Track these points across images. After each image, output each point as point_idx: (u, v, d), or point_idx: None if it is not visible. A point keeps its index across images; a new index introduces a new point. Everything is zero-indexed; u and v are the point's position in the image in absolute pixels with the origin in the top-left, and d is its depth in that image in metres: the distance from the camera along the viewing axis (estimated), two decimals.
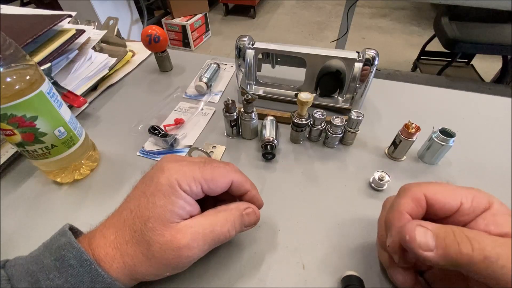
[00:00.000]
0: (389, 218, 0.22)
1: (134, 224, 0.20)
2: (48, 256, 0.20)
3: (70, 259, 0.19)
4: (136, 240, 0.20)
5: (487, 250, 0.16)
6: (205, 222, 0.21)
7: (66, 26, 0.45)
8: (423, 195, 0.21)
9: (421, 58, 1.75)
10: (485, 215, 0.20)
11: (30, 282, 0.19)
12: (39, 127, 0.27)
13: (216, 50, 2.30)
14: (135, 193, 0.22)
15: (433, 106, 0.43)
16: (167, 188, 0.21)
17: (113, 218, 0.22)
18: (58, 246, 0.20)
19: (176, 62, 0.54)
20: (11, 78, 0.24)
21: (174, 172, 0.21)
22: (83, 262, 0.19)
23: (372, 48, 0.36)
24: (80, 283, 0.19)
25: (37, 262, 0.20)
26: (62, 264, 0.19)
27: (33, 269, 0.19)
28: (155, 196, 0.20)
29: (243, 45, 0.38)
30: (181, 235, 0.20)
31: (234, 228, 0.22)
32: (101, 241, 0.21)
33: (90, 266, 0.19)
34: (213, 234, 0.21)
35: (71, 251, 0.19)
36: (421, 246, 0.18)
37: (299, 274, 0.25)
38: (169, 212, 0.20)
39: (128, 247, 0.20)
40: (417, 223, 0.19)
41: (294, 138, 0.38)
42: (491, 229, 0.19)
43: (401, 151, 0.34)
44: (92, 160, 0.35)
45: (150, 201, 0.20)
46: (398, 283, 0.23)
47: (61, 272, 0.19)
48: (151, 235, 0.20)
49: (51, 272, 0.19)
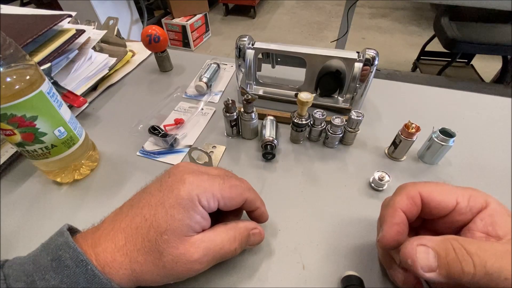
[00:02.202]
0: (383, 214, 0.23)
1: (148, 234, 0.20)
2: (45, 256, 0.20)
3: (66, 260, 0.19)
4: (148, 250, 0.20)
5: (488, 266, 0.16)
6: (217, 238, 0.22)
7: (66, 26, 0.45)
8: (418, 194, 0.21)
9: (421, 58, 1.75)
10: (482, 216, 0.20)
11: (26, 282, 0.19)
12: (39, 127, 0.27)
13: (216, 50, 2.30)
14: (151, 201, 0.21)
15: (433, 106, 0.43)
16: (188, 203, 0.21)
17: (122, 223, 0.21)
18: (55, 246, 0.20)
19: (176, 62, 0.54)
20: (11, 78, 0.24)
21: (195, 186, 0.21)
22: (79, 263, 0.19)
23: (372, 48, 0.36)
24: (75, 284, 0.19)
25: (34, 262, 0.20)
26: (58, 265, 0.19)
27: (30, 269, 0.19)
28: (174, 209, 0.20)
29: (243, 45, 0.38)
30: (194, 249, 0.21)
31: (240, 247, 0.23)
32: (108, 245, 0.20)
33: (86, 267, 0.19)
34: (222, 251, 0.22)
35: (68, 251, 0.19)
36: (423, 268, 0.18)
37: (299, 274, 0.25)
38: (186, 226, 0.20)
39: (139, 255, 0.20)
40: (418, 242, 0.18)
41: (294, 138, 0.38)
42: (489, 230, 0.19)
43: (401, 151, 0.34)
44: (92, 160, 0.35)
45: (169, 213, 0.20)
46: (398, 283, 0.23)
47: (57, 272, 0.19)
48: (165, 247, 0.20)
49: (47, 272, 0.19)
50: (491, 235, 0.19)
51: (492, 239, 0.19)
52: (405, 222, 0.21)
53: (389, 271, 0.24)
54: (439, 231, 0.23)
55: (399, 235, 0.21)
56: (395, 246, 0.21)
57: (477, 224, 0.20)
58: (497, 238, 0.18)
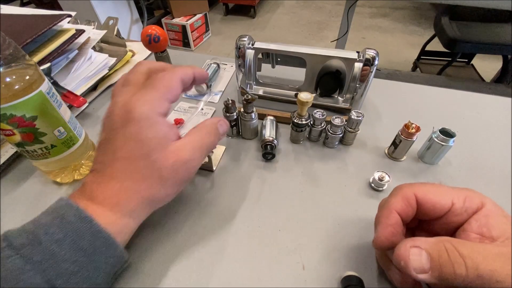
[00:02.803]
0: (378, 216, 0.23)
1: (137, 165, 0.21)
2: (44, 217, 0.20)
3: (69, 217, 0.20)
4: (147, 175, 0.22)
5: (480, 268, 0.16)
6: (195, 138, 0.24)
7: (66, 26, 0.45)
8: (414, 195, 0.21)
9: (421, 58, 1.75)
10: (478, 216, 0.20)
11: (27, 238, 0.19)
12: (39, 127, 0.27)
13: (216, 50, 2.30)
14: (117, 144, 0.22)
15: (433, 106, 0.43)
16: (147, 121, 0.22)
17: (105, 173, 0.22)
18: (55, 208, 0.21)
19: (176, 62, 0.54)
20: (10, 78, 0.24)
21: (141, 105, 0.22)
22: (83, 219, 0.20)
23: (372, 48, 0.36)
24: (80, 238, 0.19)
25: (34, 222, 0.20)
26: (61, 221, 0.19)
27: (30, 227, 0.19)
28: (141, 134, 0.21)
29: (243, 45, 0.38)
30: (183, 152, 0.23)
31: (216, 138, 0.26)
32: (106, 194, 0.21)
33: (90, 223, 0.20)
34: (205, 145, 0.25)
35: (70, 210, 0.20)
36: (416, 270, 0.18)
37: (299, 274, 0.25)
38: (162, 139, 0.22)
39: (141, 184, 0.22)
40: (411, 244, 0.18)
41: (294, 138, 0.38)
42: (483, 231, 0.19)
43: (401, 151, 0.34)
44: (92, 160, 0.35)
45: (140, 139, 0.21)
46: (396, 284, 0.23)
47: (61, 227, 0.19)
48: (159, 164, 0.22)
49: (50, 227, 0.19)
50: (486, 236, 0.19)
51: (487, 240, 0.19)
52: (399, 223, 0.21)
53: (387, 272, 0.24)
54: (435, 232, 0.23)
55: (393, 236, 0.21)
56: (390, 247, 0.21)
57: (472, 225, 0.20)
58: (491, 239, 0.18)
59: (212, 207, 0.31)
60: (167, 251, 0.27)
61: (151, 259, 0.26)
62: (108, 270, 0.21)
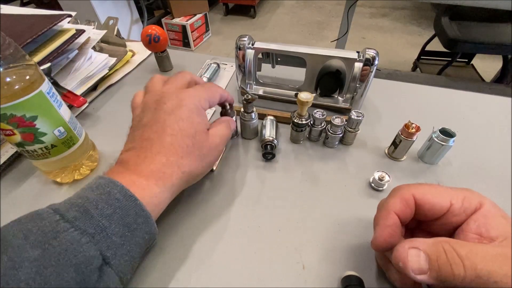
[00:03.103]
0: (376, 217, 0.23)
1: (184, 142, 0.25)
2: (91, 192, 0.21)
3: (116, 194, 0.21)
4: (190, 151, 0.25)
5: (478, 269, 0.16)
6: (221, 128, 0.30)
7: (66, 26, 0.45)
8: (412, 196, 0.21)
9: (421, 58, 1.75)
10: (476, 217, 0.20)
11: (79, 211, 0.20)
12: (39, 127, 0.27)
13: (216, 50, 2.30)
14: (167, 123, 0.25)
15: (433, 106, 0.43)
16: (198, 110, 0.27)
17: (151, 149, 0.24)
18: (99, 184, 0.22)
19: (176, 62, 0.54)
20: (11, 78, 0.24)
21: (194, 98, 0.27)
22: (129, 198, 0.21)
23: (372, 48, 0.36)
24: (126, 215, 0.21)
25: (81, 197, 0.21)
26: (108, 197, 0.21)
27: (79, 201, 0.20)
28: (192, 118, 0.26)
29: (243, 45, 0.38)
30: (215, 138, 0.28)
31: (230, 131, 0.31)
32: (154, 167, 0.24)
33: (135, 201, 0.21)
34: (225, 136, 0.30)
35: (115, 187, 0.21)
36: (414, 271, 0.18)
37: (299, 274, 0.25)
38: (204, 125, 0.27)
39: (184, 159, 0.25)
40: (409, 245, 0.18)
41: (294, 138, 0.38)
42: (482, 231, 0.19)
43: (401, 151, 0.34)
44: (92, 160, 0.35)
45: (191, 121, 0.26)
46: (396, 284, 0.23)
47: (109, 203, 0.20)
48: (201, 144, 0.26)
49: (99, 203, 0.20)
50: (484, 236, 0.19)
51: (485, 241, 0.19)
52: (397, 224, 0.21)
53: (386, 272, 0.24)
54: (434, 232, 0.23)
55: (391, 237, 0.21)
56: (388, 248, 0.21)
57: (470, 225, 0.20)
58: (489, 240, 0.18)
59: (212, 207, 0.31)
60: (166, 251, 0.27)
61: (150, 258, 0.26)
62: (143, 246, 0.23)
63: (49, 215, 0.19)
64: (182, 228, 0.29)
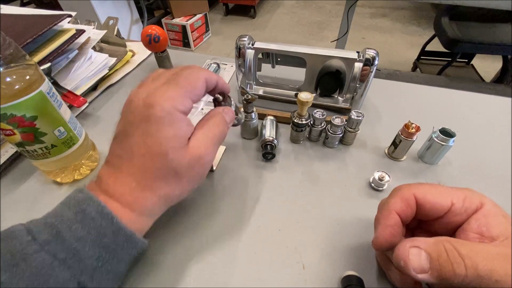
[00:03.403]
0: (377, 217, 0.23)
1: (154, 163, 0.21)
2: (66, 210, 0.20)
3: (91, 213, 0.19)
4: (164, 174, 0.22)
5: (480, 268, 0.16)
6: (205, 131, 0.24)
7: (66, 26, 0.45)
8: (413, 195, 0.21)
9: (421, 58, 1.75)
10: (477, 216, 0.20)
11: (51, 234, 0.19)
12: (39, 127, 0.27)
13: (216, 50, 2.30)
14: (135, 139, 0.21)
15: (433, 106, 0.43)
16: (168, 118, 0.21)
17: (122, 169, 0.22)
18: (76, 201, 0.20)
19: (176, 62, 0.54)
20: (11, 78, 0.24)
21: (163, 101, 0.21)
22: (105, 216, 0.20)
23: (372, 48, 0.36)
24: (102, 235, 0.19)
25: (56, 215, 0.20)
26: (83, 217, 0.19)
27: (53, 221, 0.19)
28: (161, 131, 0.21)
29: (243, 45, 0.38)
30: (196, 149, 0.23)
31: (224, 125, 0.26)
32: (124, 190, 0.21)
33: (111, 220, 0.20)
34: (216, 137, 0.24)
35: (92, 205, 0.20)
36: (416, 270, 0.18)
37: (299, 274, 0.25)
38: (181, 138, 0.22)
39: (158, 182, 0.22)
40: (410, 244, 0.18)
41: (294, 138, 0.38)
42: (483, 231, 0.19)
43: (401, 151, 0.34)
44: (92, 160, 0.35)
45: (159, 136, 0.21)
46: (396, 284, 0.23)
47: (84, 224, 0.19)
48: (176, 163, 0.21)
49: (72, 224, 0.19)
50: (485, 236, 0.19)
51: (486, 240, 0.19)
52: (398, 224, 0.21)
53: (387, 272, 0.24)
54: (435, 232, 0.23)
55: (393, 237, 0.21)
56: (389, 247, 0.21)
57: (471, 225, 0.20)
58: (491, 239, 0.18)
59: (212, 207, 0.31)
60: (164, 250, 0.27)
61: (149, 259, 0.26)
62: (130, 260, 0.22)
63: (21, 235, 0.18)
64: (181, 228, 0.29)
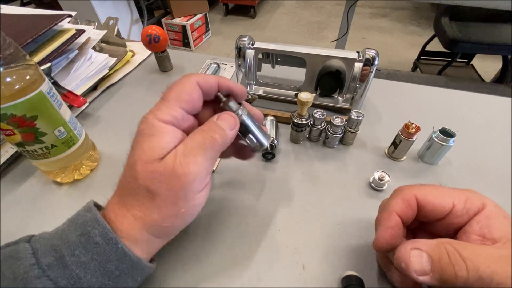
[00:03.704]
0: (378, 218, 0.23)
1: (125, 177, 0.20)
2: (72, 231, 0.19)
3: (96, 236, 0.19)
4: (134, 189, 0.19)
5: (481, 271, 0.16)
6: (188, 141, 0.20)
7: (66, 26, 0.45)
8: (414, 197, 0.21)
9: (421, 58, 1.75)
10: (479, 218, 0.20)
11: (55, 257, 0.18)
12: (39, 127, 0.27)
13: (216, 50, 2.30)
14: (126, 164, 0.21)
15: (433, 106, 0.43)
16: (149, 129, 0.20)
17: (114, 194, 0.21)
18: (83, 221, 0.20)
19: (176, 62, 0.54)
20: (11, 78, 0.24)
21: (148, 113, 0.20)
22: (109, 241, 0.19)
23: (372, 48, 0.36)
24: (106, 261, 0.18)
25: (62, 236, 0.19)
26: (87, 241, 0.19)
27: (58, 243, 0.19)
28: (139, 143, 0.20)
29: (243, 45, 0.38)
30: (170, 161, 0.19)
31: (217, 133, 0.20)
32: (112, 206, 0.21)
33: (116, 245, 0.19)
34: (200, 147, 0.19)
35: (97, 227, 0.19)
36: (417, 272, 0.18)
37: (299, 274, 0.25)
38: (155, 149, 0.19)
39: (129, 199, 0.20)
40: (412, 246, 0.18)
41: (294, 138, 0.38)
42: (485, 233, 0.19)
43: (401, 151, 0.34)
44: (92, 160, 0.35)
45: (136, 148, 0.20)
46: (397, 285, 0.23)
47: (87, 249, 0.18)
48: (143, 176, 0.19)
49: (76, 248, 0.18)
50: (487, 237, 0.19)
51: (488, 242, 0.19)
52: (399, 225, 0.21)
53: (387, 272, 0.24)
54: (436, 233, 0.23)
55: (393, 238, 0.21)
56: (390, 249, 0.21)
57: (473, 226, 0.19)
58: (492, 241, 0.18)
59: (212, 207, 0.31)
60: (164, 253, 0.27)
61: None
62: (135, 285, 0.21)
63: (25, 256, 0.18)
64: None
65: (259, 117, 0.25)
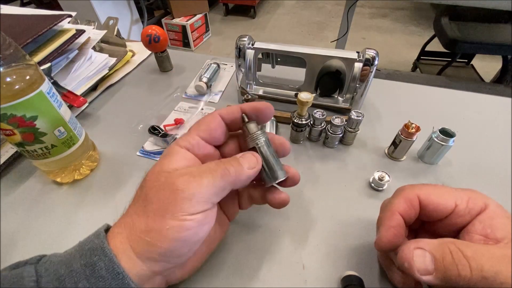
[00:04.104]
0: (381, 218, 0.23)
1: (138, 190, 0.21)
2: (78, 259, 0.18)
3: (101, 270, 0.18)
4: (138, 196, 0.20)
5: (485, 270, 0.16)
6: (204, 165, 0.20)
7: (66, 26, 0.45)
8: (416, 196, 0.21)
9: (421, 58, 1.76)
10: (482, 218, 0.20)
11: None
12: (39, 127, 0.27)
13: (216, 50, 2.30)
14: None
15: (433, 106, 0.43)
16: (167, 150, 0.22)
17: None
18: (90, 248, 0.19)
19: (176, 62, 0.54)
20: (11, 78, 0.24)
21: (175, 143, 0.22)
22: (116, 276, 0.17)
23: (372, 48, 0.36)
24: None
25: (67, 264, 0.18)
26: (92, 273, 0.18)
27: (62, 272, 0.18)
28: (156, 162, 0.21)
29: (243, 45, 0.38)
30: (173, 174, 0.19)
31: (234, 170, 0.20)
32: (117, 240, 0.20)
33: (122, 281, 0.17)
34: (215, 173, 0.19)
35: (103, 259, 0.18)
36: (420, 271, 0.18)
37: (299, 274, 0.25)
38: (165, 164, 0.20)
39: (132, 206, 0.20)
40: (415, 246, 0.18)
41: (294, 138, 0.38)
42: (487, 232, 0.19)
43: (401, 151, 0.34)
44: (92, 160, 0.35)
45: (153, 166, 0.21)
46: (397, 285, 0.23)
47: (91, 282, 0.17)
48: (146, 180, 0.20)
49: (80, 280, 0.17)
50: (490, 237, 0.19)
51: (491, 242, 0.19)
52: (402, 225, 0.21)
53: (388, 272, 0.24)
54: (438, 233, 0.23)
55: (396, 238, 0.21)
56: (392, 248, 0.21)
57: (476, 226, 0.19)
58: (495, 241, 0.18)
59: None
60: None
61: None
62: None
63: (29, 282, 0.18)
64: None
65: (283, 146, 0.24)
